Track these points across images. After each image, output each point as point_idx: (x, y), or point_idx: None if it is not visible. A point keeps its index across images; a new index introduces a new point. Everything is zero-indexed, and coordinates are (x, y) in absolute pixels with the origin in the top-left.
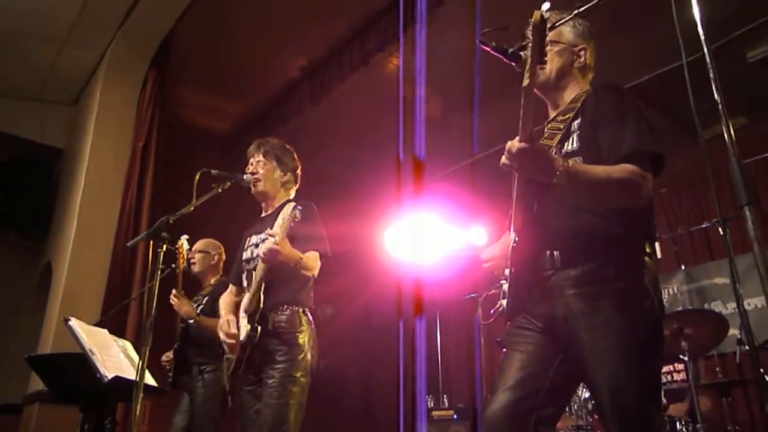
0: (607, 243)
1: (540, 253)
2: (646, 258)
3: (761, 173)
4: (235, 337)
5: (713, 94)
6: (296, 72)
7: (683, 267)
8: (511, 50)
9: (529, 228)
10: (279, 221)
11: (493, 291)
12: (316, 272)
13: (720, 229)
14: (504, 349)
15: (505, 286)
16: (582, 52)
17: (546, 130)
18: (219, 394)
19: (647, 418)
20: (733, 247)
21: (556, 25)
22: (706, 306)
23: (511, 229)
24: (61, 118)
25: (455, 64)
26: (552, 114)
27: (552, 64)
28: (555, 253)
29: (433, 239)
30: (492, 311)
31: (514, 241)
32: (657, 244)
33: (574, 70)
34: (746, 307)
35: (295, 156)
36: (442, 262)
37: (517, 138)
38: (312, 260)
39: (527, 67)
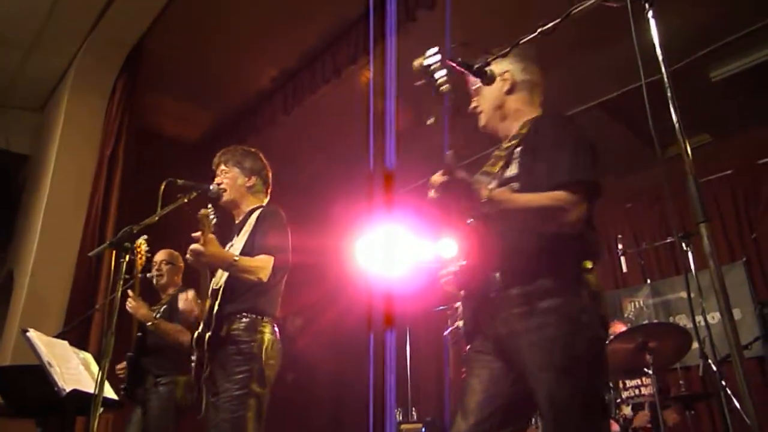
0: (546, 262)
1: (486, 274)
2: (587, 275)
3: (725, 189)
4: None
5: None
6: (268, 82)
7: (648, 281)
8: (476, 66)
9: (475, 250)
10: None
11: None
12: (263, 276)
13: (682, 245)
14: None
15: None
16: (507, 75)
17: (492, 156)
18: (173, 408)
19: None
20: (698, 261)
21: (486, 67)
22: (671, 320)
23: (460, 252)
24: (27, 125)
25: (427, 77)
26: (503, 143)
27: (485, 103)
28: (498, 273)
29: (404, 251)
30: (450, 335)
31: (461, 265)
32: (623, 259)
33: (508, 98)
34: (710, 320)
35: (261, 157)
36: (412, 275)
37: (440, 172)
38: (256, 262)
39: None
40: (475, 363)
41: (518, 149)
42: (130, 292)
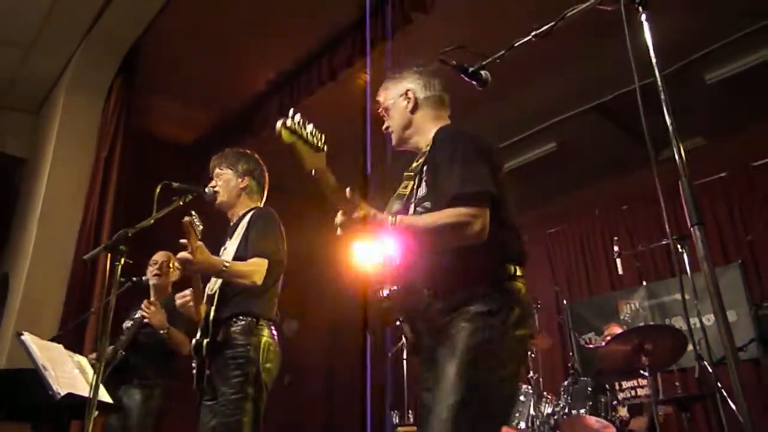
0: (463, 274)
1: (416, 290)
2: (511, 282)
3: (719, 191)
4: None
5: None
6: (264, 85)
7: (644, 283)
8: (471, 69)
9: (404, 268)
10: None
11: None
12: (257, 279)
13: (677, 247)
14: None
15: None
16: (409, 93)
17: (404, 178)
18: (155, 413)
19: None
20: (693, 263)
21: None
22: (667, 322)
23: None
24: (22, 127)
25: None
26: (413, 163)
27: (393, 123)
28: (426, 290)
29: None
30: (393, 350)
31: (391, 290)
32: (618, 261)
33: (414, 116)
34: (705, 322)
35: (256, 158)
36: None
37: (340, 212)
38: (248, 266)
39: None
40: (423, 379)
41: (425, 167)
42: (149, 299)
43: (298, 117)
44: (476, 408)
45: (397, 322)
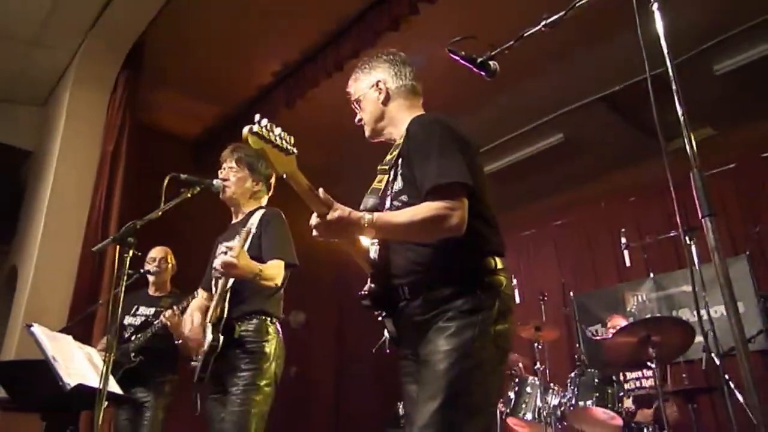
0: (444, 270)
1: (395, 287)
2: (492, 276)
3: (728, 182)
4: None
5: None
6: (270, 76)
7: (652, 275)
8: (480, 59)
9: (381, 265)
10: (243, 233)
11: None
12: (279, 281)
13: (686, 239)
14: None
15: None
16: (380, 84)
17: (378, 171)
18: (166, 408)
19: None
20: (701, 255)
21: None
22: (674, 313)
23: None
24: (29, 120)
25: (430, 71)
26: (387, 156)
27: (365, 115)
28: (403, 287)
29: None
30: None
31: (370, 287)
32: (626, 252)
33: (387, 107)
34: (713, 314)
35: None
36: None
37: (314, 214)
38: (273, 269)
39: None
40: (404, 370)
41: (399, 160)
42: (174, 309)
43: (265, 122)
44: (462, 408)
45: (380, 318)
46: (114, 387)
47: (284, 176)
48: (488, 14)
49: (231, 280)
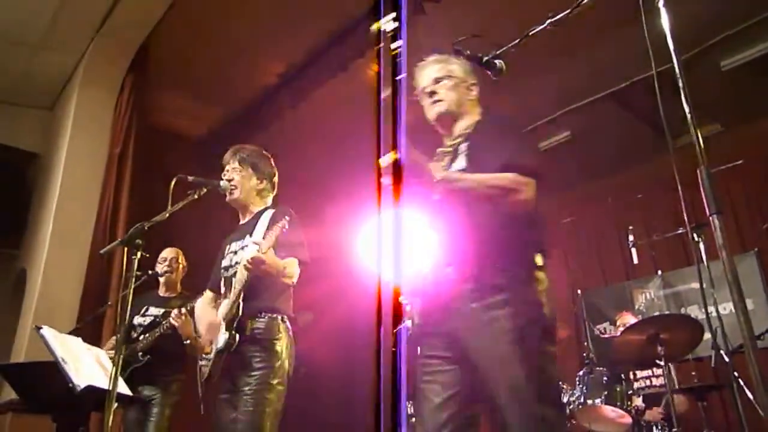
0: (498, 256)
1: (439, 270)
2: (537, 272)
3: (736, 179)
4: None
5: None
6: (274, 77)
7: (660, 272)
8: (486, 58)
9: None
10: (268, 231)
11: None
12: (295, 279)
13: (693, 236)
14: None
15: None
16: (473, 87)
17: (437, 153)
18: (173, 406)
19: (541, 418)
20: (709, 252)
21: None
22: (682, 311)
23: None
24: (36, 123)
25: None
26: (446, 142)
27: (448, 97)
28: (451, 269)
29: (413, 244)
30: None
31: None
32: (634, 250)
33: (468, 102)
34: (721, 311)
35: (272, 162)
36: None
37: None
38: (293, 267)
39: None
40: (427, 368)
41: (464, 144)
42: (181, 309)
43: None
44: (545, 392)
45: (407, 307)
46: (123, 388)
47: None
48: (494, 12)
49: (245, 278)
